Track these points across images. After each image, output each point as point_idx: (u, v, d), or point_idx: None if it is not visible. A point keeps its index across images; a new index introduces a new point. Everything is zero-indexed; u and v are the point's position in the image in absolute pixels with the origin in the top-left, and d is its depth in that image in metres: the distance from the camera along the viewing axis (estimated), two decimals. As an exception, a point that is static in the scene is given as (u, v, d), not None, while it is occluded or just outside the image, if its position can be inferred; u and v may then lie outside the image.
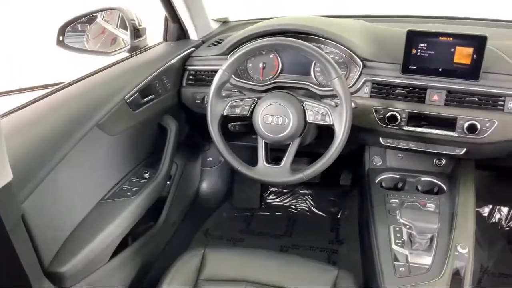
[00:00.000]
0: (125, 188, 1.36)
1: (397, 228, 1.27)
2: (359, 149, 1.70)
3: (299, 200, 2.30)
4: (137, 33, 1.65)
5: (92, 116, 1.21)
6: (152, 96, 1.46)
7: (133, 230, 1.34)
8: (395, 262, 1.19)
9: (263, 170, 1.31)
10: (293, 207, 2.29)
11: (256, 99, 1.31)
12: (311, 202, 2.28)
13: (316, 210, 2.26)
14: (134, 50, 1.64)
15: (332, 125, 1.23)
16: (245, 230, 2.13)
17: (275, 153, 1.37)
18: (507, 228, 2.07)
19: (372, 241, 1.29)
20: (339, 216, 2.20)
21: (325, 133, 1.33)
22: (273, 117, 1.26)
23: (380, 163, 1.61)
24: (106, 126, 1.25)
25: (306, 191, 2.31)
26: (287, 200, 2.31)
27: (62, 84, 1.33)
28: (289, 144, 1.31)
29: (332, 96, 1.40)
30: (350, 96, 1.21)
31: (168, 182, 1.66)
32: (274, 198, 2.33)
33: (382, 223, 1.32)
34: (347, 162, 1.97)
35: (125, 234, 1.29)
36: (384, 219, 1.33)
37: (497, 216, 2.10)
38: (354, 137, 1.52)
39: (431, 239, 1.21)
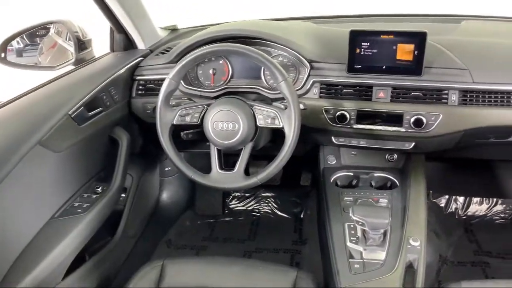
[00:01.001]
0: (76, 204, 1.32)
1: (352, 225, 1.29)
2: (314, 149, 1.71)
3: (262, 204, 2.30)
4: (82, 45, 1.60)
5: (33, 133, 1.17)
6: (100, 109, 1.43)
7: (90, 246, 1.31)
8: (350, 260, 1.20)
9: (217, 176, 1.30)
10: (256, 210, 2.29)
11: (205, 106, 1.30)
12: (274, 205, 2.29)
13: (279, 212, 2.27)
14: (80, 62, 1.60)
15: (282, 128, 1.23)
16: (209, 237, 2.12)
17: (233, 158, 1.37)
18: (464, 217, 2.13)
19: (328, 239, 1.30)
20: (301, 216, 2.21)
21: (280, 135, 1.34)
22: (223, 123, 1.26)
23: (334, 162, 1.62)
24: (50, 143, 1.21)
25: (268, 194, 2.31)
26: (250, 204, 2.31)
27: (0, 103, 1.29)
28: (242, 149, 1.31)
29: (283, 99, 1.40)
30: (297, 98, 1.22)
31: (123, 195, 1.63)
32: (236, 203, 2.32)
33: (337, 221, 1.33)
34: (306, 162, 1.99)
35: (78, 251, 1.26)
36: (339, 217, 1.35)
37: (453, 206, 2.16)
38: (307, 137, 1.54)
39: (384, 234, 1.23)
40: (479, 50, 1.42)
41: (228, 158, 1.36)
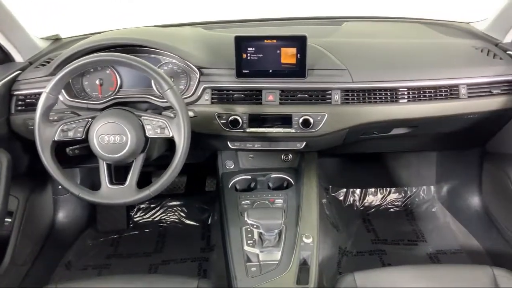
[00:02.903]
0: None
1: (249, 229, 1.30)
2: (214, 155, 1.71)
3: (169, 213, 2.25)
4: None
5: None
6: None
7: None
8: (247, 263, 1.21)
9: (107, 192, 1.25)
10: (163, 221, 2.23)
11: (89, 120, 1.24)
12: (181, 213, 2.25)
13: (186, 221, 2.24)
14: None
15: (172, 137, 1.21)
16: (113, 255, 2.02)
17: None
18: (361, 208, 2.26)
19: (226, 244, 1.30)
20: (209, 222, 2.20)
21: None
22: (110, 136, 1.20)
23: (232, 166, 1.64)
24: None
25: (174, 203, 2.27)
26: (156, 215, 2.25)
27: None
28: (133, 162, 1.26)
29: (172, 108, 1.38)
30: (185, 106, 1.20)
31: (8, 220, 1.50)
32: (142, 215, 2.25)
33: (235, 225, 1.34)
34: (210, 167, 1.99)
35: None
36: (237, 221, 1.36)
37: (351, 198, 2.28)
38: (204, 144, 1.54)
39: (280, 234, 1.26)
40: (358, 50, 1.51)
41: (124, 171, 1.30)
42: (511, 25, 1.56)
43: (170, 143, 1.47)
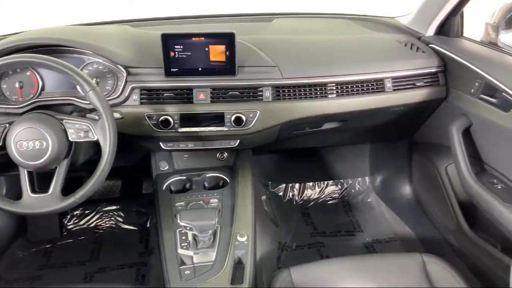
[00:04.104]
0: None
1: (183, 231, 1.27)
2: (147, 156, 1.66)
3: (105, 219, 2.17)
4: None
5: None
6: None
7: None
8: (181, 267, 1.19)
9: (29, 201, 1.17)
10: (99, 227, 2.15)
11: (6, 125, 1.16)
12: (118, 218, 2.18)
13: (124, 225, 2.17)
14: None
15: (97, 140, 1.16)
16: (45, 265, 1.92)
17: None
18: (301, 202, 2.29)
19: (161, 249, 1.27)
20: (148, 225, 2.14)
21: None
22: (29, 142, 1.13)
23: (167, 168, 1.60)
24: None
25: (110, 208, 2.19)
26: (91, 222, 2.16)
27: None
28: (56, 168, 1.20)
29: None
30: (109, 107, 1.16)
31: None
32: (76, 222, 2.15)
33: (168, 228, 1.31)
34: (145, 169, 1.93)
35: None
36: (171, 224, 1.32)
37: (291, 193, 2.30)
38: (135, 145, 1.49)
39: (214, 235, 1.24)
40: (288, 47, 1.52)
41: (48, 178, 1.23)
42: (433, 18, 1.63)
43: (98, 147, 1.41)
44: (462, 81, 1.48)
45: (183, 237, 1.26)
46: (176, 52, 1.33)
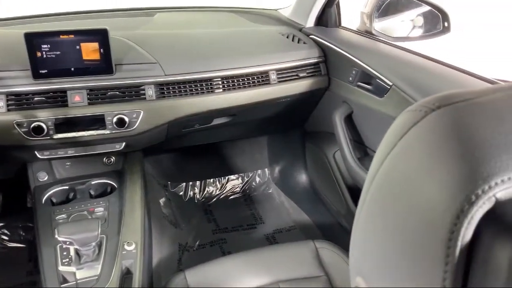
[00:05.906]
0: None
1: (63, 246, 1.17)
2: (23, 168, 1.51)
3: None
4: None
5: None
6: None
7: None
8: (62, 285, 1.09)
9: None
10: None
11: None
12: (2, 236, 1.97)
13: (10, 243, 1.96)
14: None
15: None
16: None
17: None
18: (202, 199, 2.25)
19: (40, 268, 1.16)
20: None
21: None
22: None
23: (46, 178, 1.46)
24: None
25: None
26: None
27: None
28: None
29: None
30: None
31: None
32: None
33: (47, 245, 1.20)
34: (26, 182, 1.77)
35: None
36: (50, 240, 1.21)
37: (191, 192, 2.25)
38: (8, 157, 1.35)
39: (100, 246, 1.16)
40: (169, 42, 1.46)
41: None
42: (310, 10, 1.67)
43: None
44: (341, 70, 1.54)
45: (64, 253, 1.16)
46: (44, 52, 1.21)
